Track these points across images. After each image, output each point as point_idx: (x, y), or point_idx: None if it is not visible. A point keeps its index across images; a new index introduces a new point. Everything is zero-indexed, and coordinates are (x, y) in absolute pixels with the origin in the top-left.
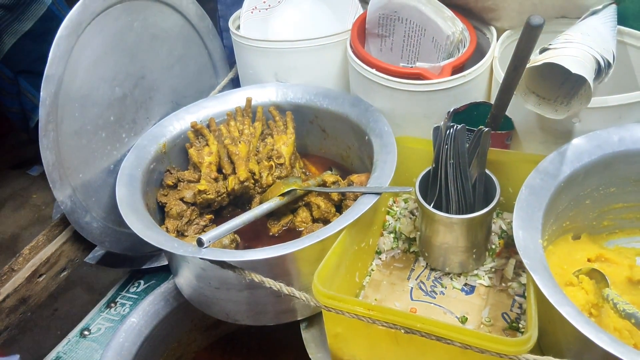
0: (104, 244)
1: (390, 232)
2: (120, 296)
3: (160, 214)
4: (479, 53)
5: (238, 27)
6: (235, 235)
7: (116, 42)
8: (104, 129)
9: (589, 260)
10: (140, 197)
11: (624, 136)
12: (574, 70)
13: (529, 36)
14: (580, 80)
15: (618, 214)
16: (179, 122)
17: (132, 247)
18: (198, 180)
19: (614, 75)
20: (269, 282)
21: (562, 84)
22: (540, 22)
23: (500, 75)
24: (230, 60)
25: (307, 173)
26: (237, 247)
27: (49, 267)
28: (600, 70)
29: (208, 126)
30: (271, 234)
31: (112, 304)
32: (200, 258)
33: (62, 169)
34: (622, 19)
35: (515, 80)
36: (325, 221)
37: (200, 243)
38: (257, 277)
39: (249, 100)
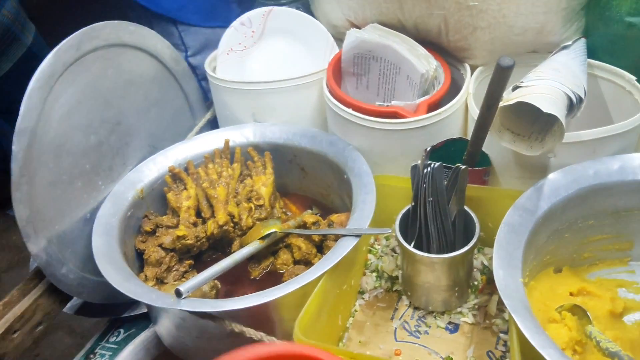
0: (81, 295)
1: (372, 271)
2: (99, 347)
3: (139, 261)
4: (454, 89)
5: (214, 69)
6: (216, 282)
7: (90, 90)
8: (79, 178)
9: (571, 294)
10: (117, 246)
11: (599, 169)
12: (545, 110)
13: (500, 76)
14: (552, 117)
15: (598, 245)
16: (156, 166)
17: (111, 296)
18: (177, 226)
19: (587, 108)
20: (250, 332)
21: (535, 120)
22: (510, 63)
23: (475, 111)
24: (207, 101)
25: (288, 213)
26: (217, 294)
27: (23, 323)
28: (572, 106)
29: (186, 169)
30: (252, 277)
31: (91, 356)
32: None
33: (37, 221)
34: (592, 52)
35: (490, 119)
36: (307, 262)
37: (178, 294)
38: (237, 327)
39: (227, 142)
